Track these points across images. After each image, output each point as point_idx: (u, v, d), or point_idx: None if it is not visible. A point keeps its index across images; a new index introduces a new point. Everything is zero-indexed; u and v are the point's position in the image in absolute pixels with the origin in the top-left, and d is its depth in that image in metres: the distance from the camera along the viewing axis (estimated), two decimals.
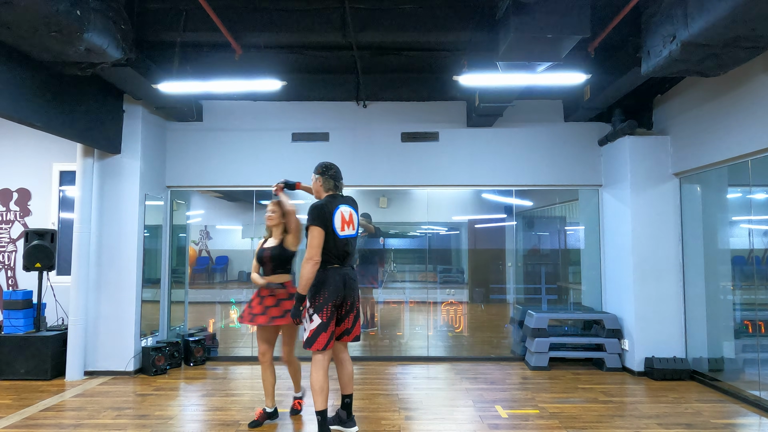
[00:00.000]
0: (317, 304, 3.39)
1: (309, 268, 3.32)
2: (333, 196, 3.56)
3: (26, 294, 5.46)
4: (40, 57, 3.97)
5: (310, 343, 3.38)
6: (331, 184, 3.59)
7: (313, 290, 3.40)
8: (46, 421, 3.99)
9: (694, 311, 5.33)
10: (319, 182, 3.61)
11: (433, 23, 4.48)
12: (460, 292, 6.72)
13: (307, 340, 3.39)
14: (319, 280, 3.40)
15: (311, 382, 3.38)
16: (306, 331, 3.41)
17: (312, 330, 3.37)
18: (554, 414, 4.16)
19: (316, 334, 3.36)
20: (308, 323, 3.40)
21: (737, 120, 4.49)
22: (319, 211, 3.40)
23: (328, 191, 3.59)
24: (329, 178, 3.59)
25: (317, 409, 3.38)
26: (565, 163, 6.15)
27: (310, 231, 3.38)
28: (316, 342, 3.36)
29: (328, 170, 3.60)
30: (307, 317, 3.41)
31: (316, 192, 3.65)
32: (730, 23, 3.18)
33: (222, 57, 5.28)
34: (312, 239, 3.35)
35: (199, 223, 6.86)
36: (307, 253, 3.33)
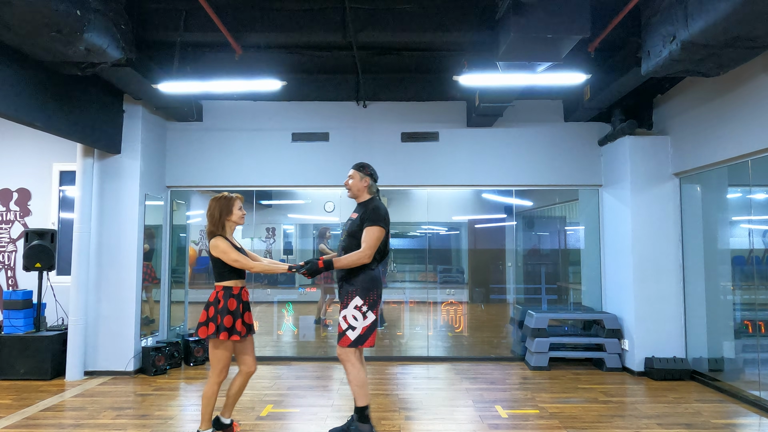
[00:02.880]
0: (372, 302, 3.38)
1: (360, 262, 3.33)
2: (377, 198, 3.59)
3: (26, 294, 5.46)
4: (40, 57, 3.96)
5: (362, 340, 3.33)
6: (375, 187, 3.61)
7: (367, 287, 3.38)
8: (46, 421, 3.99)
9: (694, 311, 5.33)
10: (365, 182, 3.56)
11: (433, 23, 4.48)
12: (460, 292, 6.72)
13: (358, 337, 3.32)
14: (372, 277, 3.41)
15: (357, 378, 3.34)
16: (356, 329, 3.33)
17: (365, 327, 3.34)
18: (554, 414, 4.16)
19: (369, 331, 3.35)
20: (361, 320, 3.34)
21: (737, 120, 4.49)
22: (385, 214, 3.45)
23: (371, 194, 3.58)
24: (375, 181, 3.60)
25: (364, 404, 3.37)
26: (565, 163, 6.15)
27: (374, 230, 3.35)
28: (369, 339, 3.35)
29: (375, 173, 3.62)
30: (359, 314, 3.35)
31: (358, 191, 3.57)
32: (730, 23, 3.18)
33: (222, 57, 5.28)
34: (374, 239, 3.34)
35: (199, 223, 6.86)
36: (369, 250, 3.32)
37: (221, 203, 3.38)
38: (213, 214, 3.36)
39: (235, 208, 3.40)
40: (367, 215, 3.41)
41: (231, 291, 3.31)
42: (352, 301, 3.37)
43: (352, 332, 3.34)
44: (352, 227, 3.48)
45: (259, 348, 6.25)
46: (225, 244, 3.28)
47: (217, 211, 3.36)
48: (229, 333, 3.24)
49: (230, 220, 3.39)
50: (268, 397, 4.59)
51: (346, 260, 3.34)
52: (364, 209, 3.47)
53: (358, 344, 3.34)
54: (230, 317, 3.26)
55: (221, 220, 3.36)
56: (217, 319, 3.23)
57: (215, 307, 3.26)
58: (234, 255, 3.25)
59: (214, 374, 3.29)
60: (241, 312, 3.34)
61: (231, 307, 3.27)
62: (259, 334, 6.40)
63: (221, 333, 3.21)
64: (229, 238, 3.38)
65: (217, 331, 3.21)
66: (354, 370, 3.35)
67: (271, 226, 7.25)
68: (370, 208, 3.44)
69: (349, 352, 3.36)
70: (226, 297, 3.29)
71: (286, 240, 7.33)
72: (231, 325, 3.25)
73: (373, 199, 3.56)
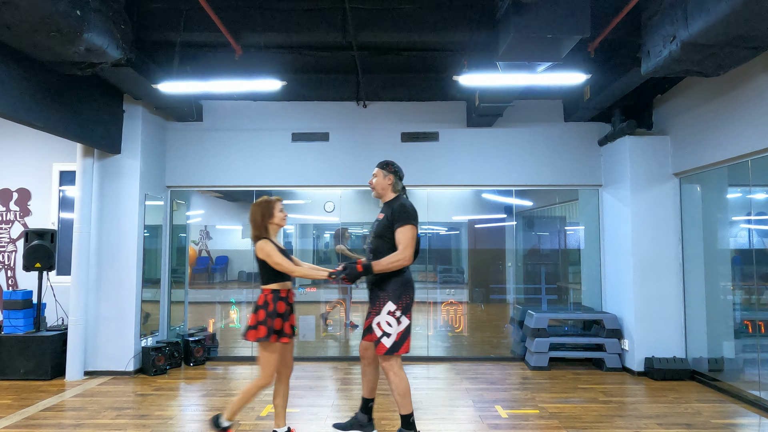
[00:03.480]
0: (405, 306, 3.28)
1: (400, 264, 3.24)
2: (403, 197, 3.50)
3: (26, 294, 5.46)
4: (41, 57, 3.96)
5: (397, 347, 3.22)
6: (401, 185, 3.52)
7: (399, 291, 3.28)
8: (46, 421, 3.99)
9: (694, 311, 5.33)
10: (390, 181, 3.48)
11: (433, 23, 4.48)
12: (460, 292, 6.72)
13: (394, 344, 3.22)
14: (404, 280, 3.31)
15: (399, 387, 3.24)
16: (391, 336, 3.23)
17: (400, 332, 3.24)
18: (554, 414, 4.16)
19: (404, 337, 3.25)
20: (395, 326, 3.24)
21: (737, 120, 4.49)
22: (414, 212, 3.36)
23: (396, 192, 3.50)
24: (400, 179, 3.51)
25: (408, 412, 3.28)
26: (565, 163, 6.15)
27: (406, 229, 3.26)
28: (404, 344, 3.26)
29: (400, 171, 3.52)
30: (392, 320, 3.25)
31: (382, 189, 3.49)
32: (730, 23, 3.18)
33: (222, 57, 5.28)
34: (409, 239, 3.26)
35: (199, 223, 6.86)
36: (407, 251, 3.23)
37: (263, 207, 3.40)
38: (255, 218, 3.38)
39: (276, 211, 3.42)
40: (395, 216, 3.31)
41: (279, 294, 3.33)
42: (385, 307, 3.27)
43: (387, 339, 3.24)
44: (378, 228, 3.40)
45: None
46: (270, 247, 3.28)
47: (259, 215, 3.38)
48: (279, 335, 3.26)
49: (272, 222, 3.41)
50: (268, 397, 4.59)
51: (386, 262, 3.23)
52: (390, 209, 3.37)
53: (394, 351, 3.23)
54: (279, 320, 3.28)
55: (264, 223, 3.38)
56: (268, 322, 3.24)
57: (265, 310, 3.27)
58: (277, 258, 3.25)
59: (263, 376, 3.29)
60: (288, 314, 3.36)
61: (280, 310, 3.29)
62: None
63: (272, 336, 3.23)
64: (273, 240, 3.40)
65: (268, 334, 3.22)
66: (396, 379, 3.26)
67: None
68: (396, 208, 3.34)
69: (391, 362, 3.25)
70: (275, 300, 3.30)
71: (286, 240, 7.32)
72: (280, 328, 3.27)
73: (398, 197, 3.46)
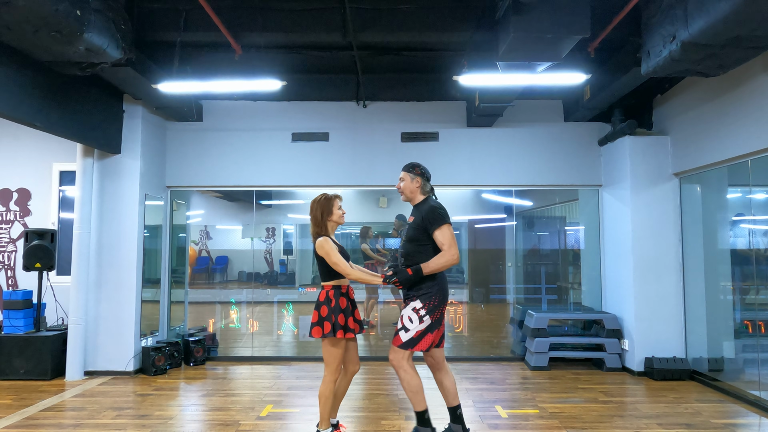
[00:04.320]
0: (431, 306, 3.27)
1: (450, 264, 3.24)
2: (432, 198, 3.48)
3: (26, 294, 5.46)
4: (41, 57, 3.96)
5: (413, 344, 3.23)
6: (429, 186, 3.49)
7: (430, 292, 3.28)
8: (46, 421, 3.99)
9: (694, 311, 5.33)
10: (418, 183, 3.44)
11: (433, 23, 4.48)
12: (460, 292, 6.72)
13: (410, 340, 3.23)
14: (436, 282, 3.31)
15: (410, 384, 3.24)
16: (409, 331, 3.24)
17: (419, 331, 3.25)
18: (554, 414, 4.16)
19: (422, 335, 3.25)
20: (416, 323, 3.24)
21: (737, 120, 4.49)
22: (445, 211, 3.34)
23: (425, 194, 3.47)
24: (427, 180, 3.49)
25: (422, 408, 3.28)
26: (565, 163, 6.15)
27: (444, 230, 3.24)
28: (421, 342, 3.25)
29: (427, 172, 3.50)
30: (415, 317, 3.25)
31: (411, 192, 3.46)
32: (730, 23, 3.17)
33: (222, 57, 5.28)
34: (449, 238, 3.24)
35: (199, 223, 6.86)
36: (453, 249, 3.21)
37: (322, 204, 3.41)
38: (315, 215, 3.40)
39: (335, 208, 3.43)
40: (427, 220, 3.29)
41: (340, 290, 3.35)
42: (411, 303, 3.30)
43: (404, 333, 3.25)
44: (410, 232, 3.39)
45: (259, 348, 6.26)
46: (329, 245, 3.29)
47: (319, 212, 3.39)
48: (345, 331, 3.27)
49: (331, 220, 3.42)
50: (268, 397, 4.59)
51: (435, 264, 3.23)
52: (419, 213, 3.36)
53: (409, 347, 3.24)
54: (343, 315, 3.29)
55: (323, 220, 3.39)
56: (332, 318, 3.25)
57: (328, 307, 3.28)
58: (335, 258, 3.26)
59: (329, 372, 3.30)
60: (351, 310, 3.37)
61: (342, 305, 3.31)
62: (258, 333, 6.40)
63: (338, 331, 3.23)
64: (332, 238, 3.41)
65: (333, 329, 3.23)
66: (407, 377, 3.26)
67: (271, 226, 7.24)
68: (425, 211, 3.32)
69: (400, 357, 3.26)
70: (337, 296, 3.32)
71: (286, 240, 7.32)
72: (345, 323, 3.29)
73: (427, 199, 3.44)
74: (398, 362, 3.27)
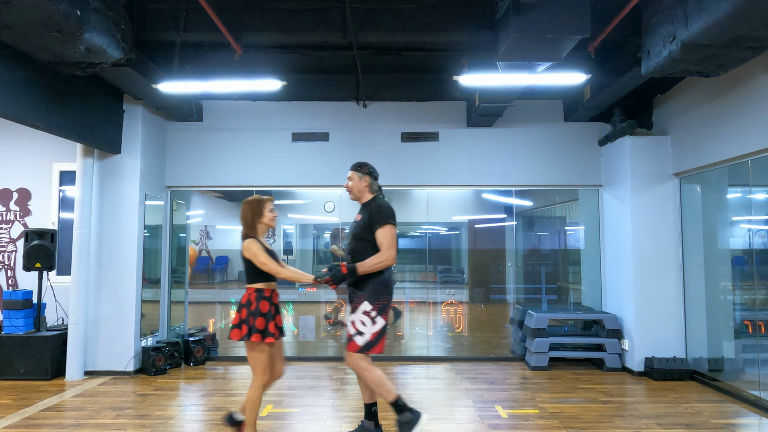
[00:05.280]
0: (381, 306, 3.26)
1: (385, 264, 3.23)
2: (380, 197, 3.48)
3: (26, 294, 5.46)
4: (41, 57, 3.96)
5: (370, 347, 3.22)
6: (377, 185, 3.50)
7: (377, 291, 3.27)
8: (46, 421, 3.99)
9: (694, 311, 5.33)
10: (365, 182, 3.45)
11: (433, 23, 4.48)
12: (460, 292, 6.72)
13: (367, 343, 3.22)
14: (382, 281, 3.30)
15: (374, 381, 3.22)
16: (364, 335, 3.23)
17: (375, 333, 3.24)
18: (554, 414, 4.16)
19: (379, 337, 3.25)
20: (369, 326, 3.23)
21: (737, 120, 4.49)
22: (391, 211, 3.33)
23: (373, 193, 3.47)
24: (375, 179, 3.49)
25: (393, 398, 3.24)
26: (565, 163, 6.15)
27: (386, 230, 3.24)
28: (378, 345, 3.24)
29: (375, 171, 3.51)
30: (367, 320, 3.24)
31: (359, 192, 3.46)
32: (730, 23, 3.17)
33: (222, 57, 5.28)
34: (392, 238, 3.23)
35: (199, 223, 6.86)
36: (391, 251, 3.21)
37: (252, 205, 3.39)
38: (245, 216, 3.37)
39: (266, 210, 3.40)
40: (373, 217, 3.30)
41: (263, 293, 3.30)
42: (361, 306, 3.28)
43: (360, 338, 3.24)
44: (356, 230, 3.40)
45: None
46: (256, 246, 3.27)
47: (249, 214, 3.37)
48: (263, 335, 3.23)
49: (261, 222, 3.39)
50: (268, 397, 4.59)
51: (370, 264, 3.22)
52: (368, 211, 3.37)
53: (366, 350, 3.24)
54: (262, 319, 3.24)
55: (253, 222, 3.37)
56: (250, 321, 3.22)
57: (247, 310, 3.25)
58: (263, 258, 3.24)
59: (257, 377, 3.27)
60: (273, 314, 3.33)
61: (263, 310, 3.26)
62: None
63: (253, 335, 3.20)
64: (261, 240, 3.38)
65: (249, 333, 3.21)
66: (368, 374, 3.25)
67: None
68: (373, 209, 3.33)
69: (357, 359, 3.25)
70: (258, 299, 3.28)
71: (286, 240, 7.32)
72: (264, 328, 3.24)
73: (375, 198, 3.45)
74: (356, 364, 3.26)
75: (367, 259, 3.25)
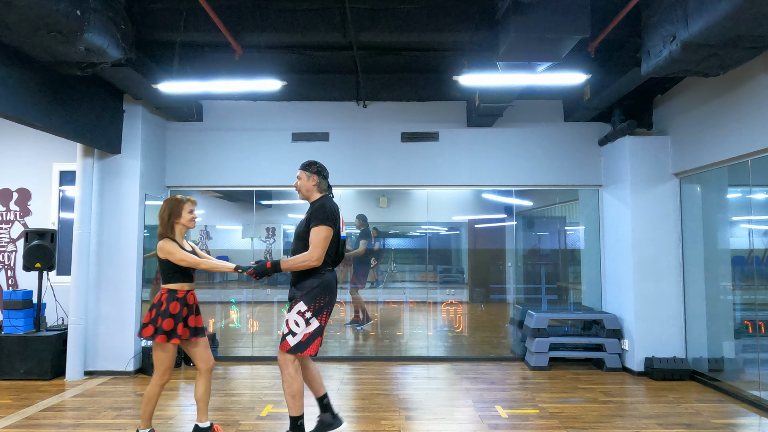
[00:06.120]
0: (317, 308, 3.25)
1: (308, 264, 3.19)
2: (328, 197, 3.44)
3: (26, 294, 5.46)
4: (41, 57, 3.96)
5: (301, 348, 3.19)
6: (326, 184, 3.46)
7: (314, 293, 3.26)
8: (46, 421, 3.99)
9: (694, 311, 5.33)
10: (314, 181, 3.41)
11: (433, 23, 4.48)
12: (460, 292, 6.73)
13: (298, 344, 3.19)
14: (321, 282, 3.27)
15: (291, 388, 3.22)
16: (296, 335, 3.20)
17: (307, 334, 3.22)
18: (554, 414, 4.16)
19: (311, 339, 3.23)
20: (303, 326, 3.20)
21: (737, 120, 4.49)
22: (330, 211, 3.28)
23: (322, 192, 3.43)
24: (324, 178, 3.45)
25: (298, 414, 3.26)
26: (565, 163, 6.15)
27: (319, 230, 3.19)
28: (311, 347, 3.22)
29: (324, 170, 3.47)
30: (301, 320, 3.23)
31: (307, 191, 3.41)
32: (730, 23, 3.18)
33: (222, 57, 5.28)
34: (322, 239, 3.20)
35: (199, 223, 6.86)
36: (316, 252, 3.17)
37: (171, 205, 3.35)
38: (162, 216, 3.34)
39: (184, 211, 3.36)
40: (312, 215, 3.27)
41: (175, 294, 3.28)
42: (296, 306, 3.25)
43: (292, 338, 3.20)
44: (298, 228, 3.37)
45: (259, 348, 6.25)
46: (171, 245, 3.26)
47: (166, 214, 3.33)
48: (168, 336, 3.21)
49: (179, 222, 3.36)
50: (268, 397, 4.59)
51: (293, 262, 3.20)
52: (311, 209, 3.34)
53: (297, 351, 3.20)
54: (171, 320, 3.23)
55: (170, 222, 3.33)
56: (157, 321, 3.21)
57: (157, 310, 3.24)
58: (180, 255, 3.23)
59: (156, 375, 3.30)
60: (185, 315, 3.30)
61: (173, 311, 3.24)
62: (258, 333, 6.40)
63: (158, 335, 3.19)
64: (177, 240, 3.35)
65: (154, 333, 3.19)
66: (289, 379, 3.23)
67: (271, 226, 7.25)
68: (315, 207, 3.30)
69: (287, 359, 3.23)
70: (169, 300, 3.26)
71: (285, 240, 7.33)
72: (171, 329, 3.22)
73: (322, 197, 3.40)
74: (284, 363, 3.24)
75: (291, 257, 3.24)
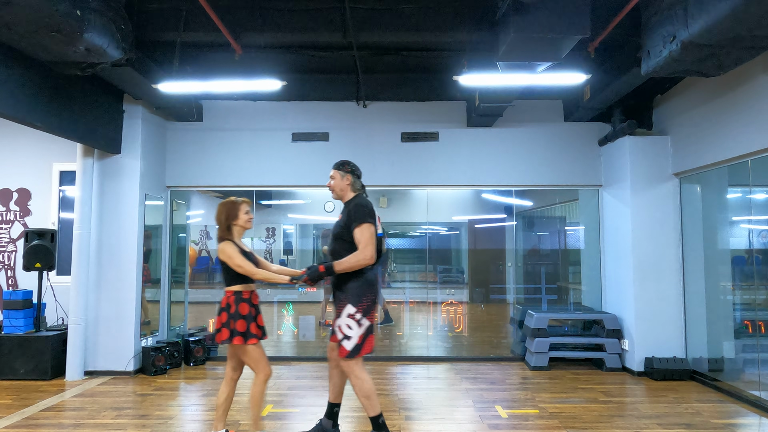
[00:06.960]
0: (365, 307, 3.22)
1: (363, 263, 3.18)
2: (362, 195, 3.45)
3: (26, 294, 5.46)
4: (40, 57, 3.96)
5: (358, 350, 3.17)
6: (359, 183, 3.47)
7: (358, 292, 3.23)
8: (46, 421, 3.99)
9: (694, 311, 5.33)
10: (348, 181, 3.43)
11: (432, 23, 4.48)
12: (460, 292, 6.72)
13: (355, 347, 3.17)
14: (364, 281, 3.25)
15: (362, 390, 3.20)
16: (351, 339, 3.17)
17: (361, 335, 3.19)
18: (554, 414, 4.16)
19: (365, 338, 3.21)
20: (356, 329, 3.18)
21: (737, 120, 4.49)
22: (370, 209, 3.29)
23: (356, 191, 3.44)
24: (357, 177, 3.47)
25: (376, 413, 3.23)
26: (565, 163, 6.15)
27: (363, 228, 3.20)
28: (365, 346, 3.20)
29: (357, 169, 3.48)
30: (353, 323, 3.19)
31: (341, 190, 3.44)
32: (730, 23, 3.17)
33: (222, 57, 5.28)
34: (370, 237, 3.19)
35: (199, 223, 6.86)
36: (368, 250, 3.16)
37: (228, 207, 3.35)
38: (220, 218, 3.34)
39: (241, 213, 3.37)
40: (351, 216, 3.27)
41: (241, 295, 3.28)
42: (345, 310, 3.23)
43: (348, 342, 3.19)
44: (336, 230, 3.37)
45: None
46: (231, 248, 3.25)
47: (224, 216, 3.34)
48: (245, 337, 3.21)
49: (237, 224, 3.36)
50: (268, 397, 4.59)
51: (347, 263, 3.19)
52: (347, 209, 3.34)
53: (355, 354, 3.19)
54: (243, 321, 3.23)
55: (227, 224, 3.34)
56: (231, 324, 3.20)
57: (227, 313, 3.23)
58: (238, 260, 3.21)
59: (259, 372, 3.26)
60: (254, 316, 3.31)
61: (243, 312, 3.25)
62: None
63: (235, 338, 3.19)
64: (237, 242, 3.35)
65: (230, 336, 3.19)
66: (358, 382, 3.22)
67: (271, 226, 7.25)
68: (352, 208, 3.30)
69: (350, 364, 3.22)
70: (237, 302, 3.26)
71: (286, 240, 7.33)
72: (245, 330, 3.22)
73: (356, 197, 3.42)
74: (349, 368, 3.23)
75: (344, 258, 3.21)
